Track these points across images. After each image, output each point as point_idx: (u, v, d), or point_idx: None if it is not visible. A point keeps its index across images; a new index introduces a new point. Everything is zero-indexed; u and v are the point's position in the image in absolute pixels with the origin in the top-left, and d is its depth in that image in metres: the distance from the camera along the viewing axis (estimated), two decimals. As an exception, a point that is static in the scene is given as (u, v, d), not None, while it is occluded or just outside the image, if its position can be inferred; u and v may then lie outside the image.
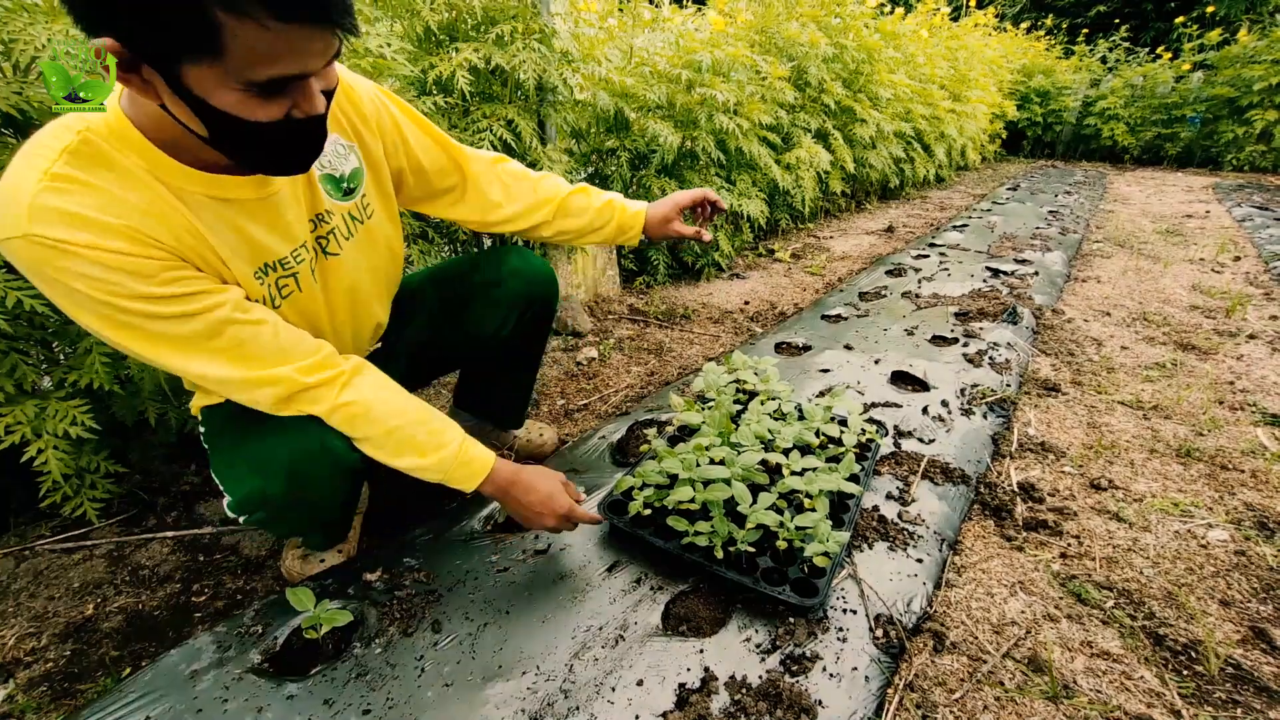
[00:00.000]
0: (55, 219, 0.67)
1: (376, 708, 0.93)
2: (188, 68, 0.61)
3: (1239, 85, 7.27)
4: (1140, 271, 3.32)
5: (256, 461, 0.91)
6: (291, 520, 1.05)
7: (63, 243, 0.67)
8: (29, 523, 1.36)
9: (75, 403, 1.20)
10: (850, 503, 1.31)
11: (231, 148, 0.71)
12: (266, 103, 0.66)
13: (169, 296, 0.74)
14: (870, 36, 4.12)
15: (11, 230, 0.67)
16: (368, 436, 0.92)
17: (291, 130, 0.70)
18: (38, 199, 0.67)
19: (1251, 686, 1.01)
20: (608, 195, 1.24)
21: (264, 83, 0.63)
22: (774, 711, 0.92)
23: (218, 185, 0.79)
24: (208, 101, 0.64)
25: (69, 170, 0.69)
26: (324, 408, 0.88)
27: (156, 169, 0.74)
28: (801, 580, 1.11)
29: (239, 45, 0.59)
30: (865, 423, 1.56)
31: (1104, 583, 1.21)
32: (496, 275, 1.25)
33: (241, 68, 0.61)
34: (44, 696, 1.00)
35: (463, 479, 0.99)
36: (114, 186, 0.71)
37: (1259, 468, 1.57)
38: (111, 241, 0.70)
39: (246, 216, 0.83)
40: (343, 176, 0.95)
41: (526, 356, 1.45)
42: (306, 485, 0.94)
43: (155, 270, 0.73)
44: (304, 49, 0.63)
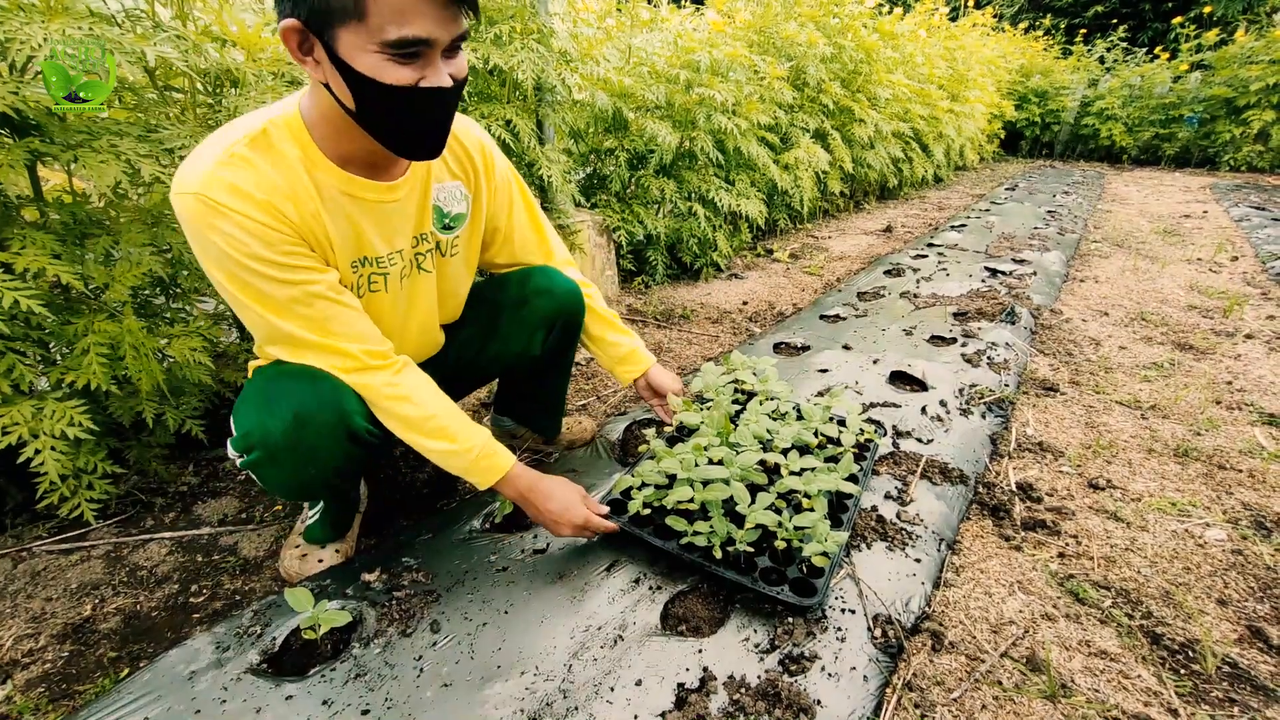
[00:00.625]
0: (221, 186, 0.84)
1: (375, 708, 0.92)
2: (339, 32, 0.76)
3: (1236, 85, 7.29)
4: (1138, 271, 3.33)
5: (268, 400, 0.97)
6: (284, 468, 1.00)
7: (221, 205, 0.84)
8: (26, 524, 1.36)
9: (72, 403, 1.19)
10: (849, 503, 1.31)
11: (373, 117, 0.85)
12: (398, 66, 0.79)
13: (281, 264, 0.89)
14: (868, 37, 4.12)
15: (188, 187, 0.83)
16: (409, 417, 1.03)
17: (418, 98, 0.82)
18: (215, 169, 0.84)
19: (1248, 685, 1.01)
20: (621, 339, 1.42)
21: (395, 42, 0.76)
22: (772, 711, 0.92)
23: (350, 183, 0.95)
24: (352, 66, 0.78)
25: (244, 151, 0.86)
26: (379, 382, 1.01)
27: (308, 159, 0.91)
28: (800, 580, 1.11)
29: (377, 7, 0.74)
30: (864, 423, 1.56)
31: (1102, 582, 1.22)
32: (522, 294, 1.31)
33: (377, 28, 0.75)
34: (42, 697, 1.00)
35: (482, 472, 1.08)
36: (270, 169, 0.88)
37: (1256, 467, 1.58)
38: (254, 211, 0.86)
39: (363, 214, 0.98)
40: (449, 214, 1.12)
41: (557, 367, 1.49)
42: (307, 432, 0.96)
43: (278, 241, 0.88)
44: (430, 13, 0.76)
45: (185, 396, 1.45)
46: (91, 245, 1.26)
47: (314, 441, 0.98)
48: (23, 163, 1.13)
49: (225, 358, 1.62)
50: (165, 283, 1.49)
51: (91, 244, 1.26)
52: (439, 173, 1.09)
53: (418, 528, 1.33)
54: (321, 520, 1.24)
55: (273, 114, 0.90)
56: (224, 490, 1.51)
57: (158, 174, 1.22)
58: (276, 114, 0.90)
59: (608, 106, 2.55)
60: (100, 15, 1.22)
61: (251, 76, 1.37)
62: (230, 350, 1.63)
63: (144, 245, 1.29)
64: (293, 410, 0.95)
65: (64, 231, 1.25)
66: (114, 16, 1.28)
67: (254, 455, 0.98)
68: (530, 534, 1.29)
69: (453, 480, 1.55)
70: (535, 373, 1.45)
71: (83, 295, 1.30)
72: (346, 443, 1.01)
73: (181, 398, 1.44)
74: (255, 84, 1.37)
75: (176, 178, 0.85)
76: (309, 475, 1.02)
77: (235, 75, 1.38)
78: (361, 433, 1.02)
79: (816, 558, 1.12)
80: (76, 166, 1.17)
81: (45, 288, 1.22)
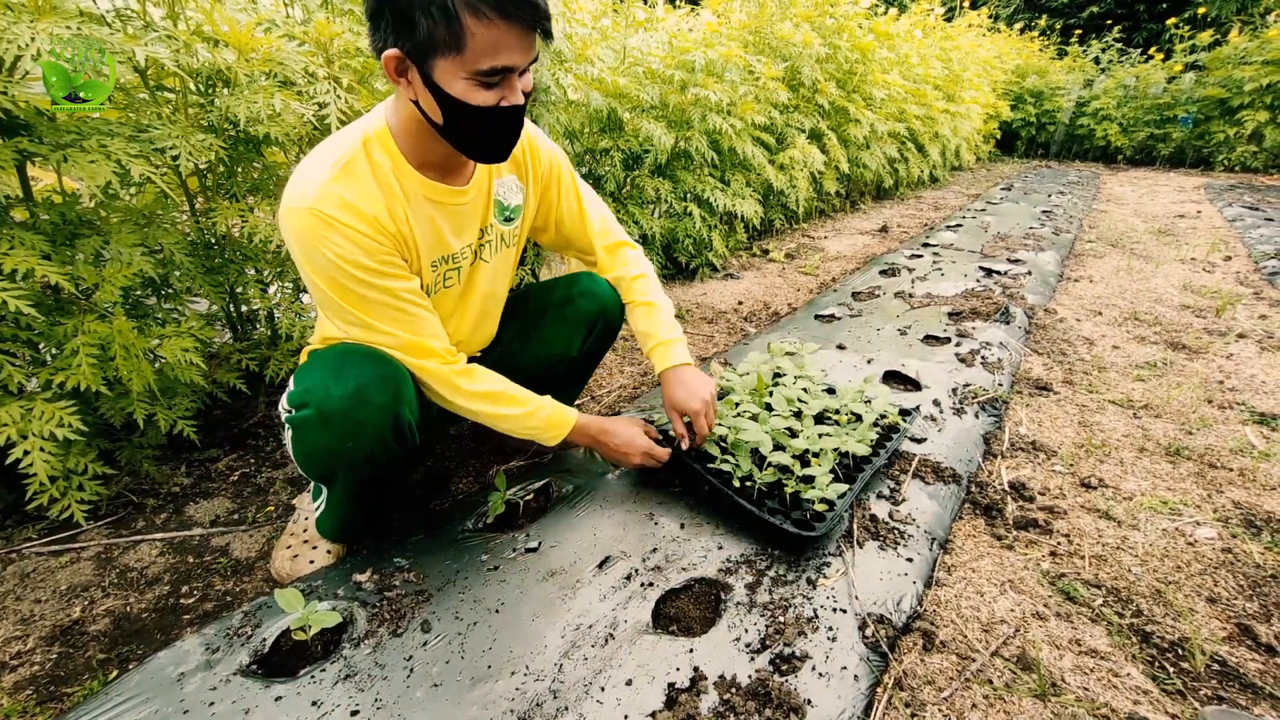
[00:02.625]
0: (334, 201, 0.94)
1: (364, 708, 0.92)
2: (437, 62, 0.87)
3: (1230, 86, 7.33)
4: (1132, 271, 3.34)
5: (338, 369, 1.03)
6: (329, 434, 1.03)
7: (333, 219, 0.94)
8: (15, 525, 1.35)
9: (62, 404, 1.19)
10: (865, 466, 1.38)
11: (458, 131, 0.96)
12: (485, 91, 0.90)
13: (379, 271, 1.00)
14: (864, 37, 4.13)
15: (302, 203, 0.93)
16: (480, 392, 1.15)
17: (498, 116, 0.94)
18: (327, 185, 0.94)
19: (1237, 683, 1.01)
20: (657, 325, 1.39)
21: (485, 71, 0.87)
22: (763, 711, 0.92)
23: (432, 189, 1.06)
24: (445, 90, 0.89)
25: (349, 166, 0.96)
26: (452, 370, 1.13)
27: (397, 170, 1.02)
28: (801, 522, 1.23)
29: (475, 42, 0.85)
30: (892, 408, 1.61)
31: (1093, 581, 1.22)
32: (569, 295, 1.40)
33: (472, 60, 0.86)
34: (29, 700, 0.99)
35: (555, 426, 1.22)
36: (372, 183, 0.98)
37: (1247, 466, 1.58)
38: (361, 224, 0.96)
39: (442, 215, 1.09)
40: (509, 206, 1.22)
41: (584, 373, 1.58)
42: (363, 406, 1.02)
43: (376, 251, 0.99)
44: (516, 45, 0.88)
45: (177, 397, 1.44)
46: (82, 246, 1.26)
47: (365, 416, 1.02)
48: (12, 163, 1.13)
49: (217, 359, 1.62)
50: (157, 283, 1.49)
51: (82, 244, 1.26)
52: (499, 169, 1.18)
53: (409, 528, 1.33)
54: (329, 513, 1.22)
55: (367, 127, 1.00)
56: (216, 491, 1.51)
57: (148, 174, 1.22)
58: (370, 126, 1.00)
59: (603, 107, 2.55)
60: (90, 14, 1.22)
61: (244, 76, 1.36)
62: (222, 351, 1.63)
63: (135, 246, 1.29)
64: (357, 382, 1.02)
65: (54, 232, 1.25)
66: (104, 16, 1.27)
67: (306, 413, 1.02)
68: (522, 533, 1.29)
69: (445, 480, 1.55)
70: (566, 375, 1.49)
71: (73, 296, 1.30)
72: (390, 430, 1.06)
73: (173, 399, 1.43)
74: (248, 84, 1.37)
75: (288, 194, 0.95)
76: (345, 450, 1.05)
77: (227, 75, 1.38)
78: (405, 425, 1.08)
79: (818, 504, 1.24)
80: (66, 166, 1.16)
81: (35, 288, 1.21)
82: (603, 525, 1.32)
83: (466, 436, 1.70)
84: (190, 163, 1.29)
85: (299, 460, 1.13)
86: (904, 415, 1.63)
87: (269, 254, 1.61)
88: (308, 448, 1.08)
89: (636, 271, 1.42)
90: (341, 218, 0.94)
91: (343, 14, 1.71)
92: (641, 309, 1.41)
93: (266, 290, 1.65)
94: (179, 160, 1.27)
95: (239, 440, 1.69)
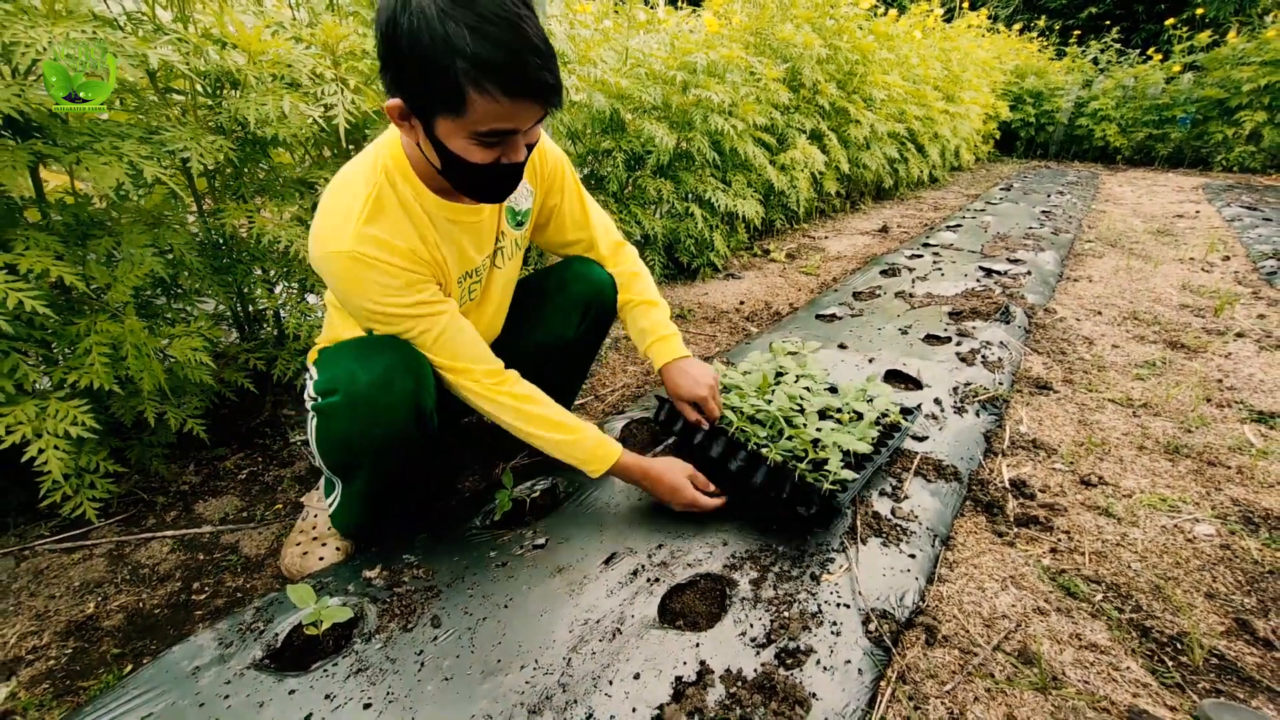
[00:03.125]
0: (371, 242, 0.97)
1: (377, 701, 0.94)
2: (439, 120, 0.88)
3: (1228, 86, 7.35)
4: (1131, 271, 3.36)
5: (364, 357, 1.05)
6: (356, 420, 1.05)
7: (374, 259, 0.97)
8: (28, 522, 1.37)
9: (75, 403, 1.20)
10: (866, 464, 1.39)
11: (454, 179, 0.98)
12: (484, 150, 0.91)
13: (419, 302, 1.05)
14: (864, 38, 4.14)
15: (340, 246, 0.96)
16: (531, 414, 1.17)
17: (497, 173, 0.96)
18: (362, 227, 0.96)
19: (1235, 677, 1.03)
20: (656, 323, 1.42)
21: (485, 134, 0.88)
22: (769, 704, 0.93)
23: (452, 210, 1.08)
24: (445, 145, 0.91)
25: (379, 203, 0.99)
26: (508, 391, 1.16)
27: (419, 197, 1.04)
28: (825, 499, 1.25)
29: (475, 111, 0.85)
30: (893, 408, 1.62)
31: (1093, 577, 1.24)
32: (562, 279, 1.42)
33: (472, 124, 0.87)
34: (46, 694, 1.01)
35: (598, 460, 1.22)
36: (402, 217, 1.02)
37: (1245, 464, 1.60)
38: (399, 260, 1.00)
39: (464, 233, 1.12)
40: (520, 211, 1.25)
41: (582, 361, 1.59)
42: (388, 391, 1.04)
43: (416, 282, 1.04)
44: (519, 115, 0.88)
45: (186, 396, 1.46)
46: (93, 246, 1.28)
47: (390, 401, 1.05)
48: (25, 164, 1.14)
49: (226, 358, 1.63)
50: (166, 283, 1.50)
51: (93, 245, 1.28)
52: None
53: (417, 525, 1.35)
54: (346, 507, 1.23)
55: (382, 155, 1.02)
56: (225, 489, 1.52)
57: (159, 175, 1.23)
58: (385, 154, 1.02)
59: (605, 108, 2.56)
60: (103, 19, 1.23)
61: (253, 79, 1.38)
62: (230, 350, 1.64)
63: (145, 246, 1.31)
64: (384, 366, 1.04)
65: (66, 233, 1.26)
66: (116, 20, 1.29)
67: (335, 399, 1.04)
68: (529, 530, 1.31)
69: (452, 479, 1.56)
70: (564, 362, 1.50)
71: (85, 296, 1.31)
72: (413, 418, 1.09)
73: (183, 397, 1.45)
74: (256, 86, 1.39)
75: (322, 238, 0.97)
76: (371, 435, 1.07)
77: (236, 77, 1.40)
78: (425, 411, 1.11)
79: (828, 485, 1.25)
80: (79, 168, 1.18)
81: (47, 288, 1.23)
82: (609, 522, 1.34)
83: (474, 430, 1.72)
84: (200, 164, 1.30)
85: (323, 449, 1.14)
86: (906, 414, 1.64)
87: (275, 254, 1.62)
88: (334, 434, 1.10)
89: (635, 269, 1.46)
90: (381, 256, 0.97)
91: (349, 15, 1.73)
92: (642, 307, 1.44)
93: (273, 290, 1.67)
94: (189, 162, 1.29)
95: (247, 439, 1.71)
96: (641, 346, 1.45)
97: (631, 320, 1.46)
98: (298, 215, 1.58)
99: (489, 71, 0.81)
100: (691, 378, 1.39)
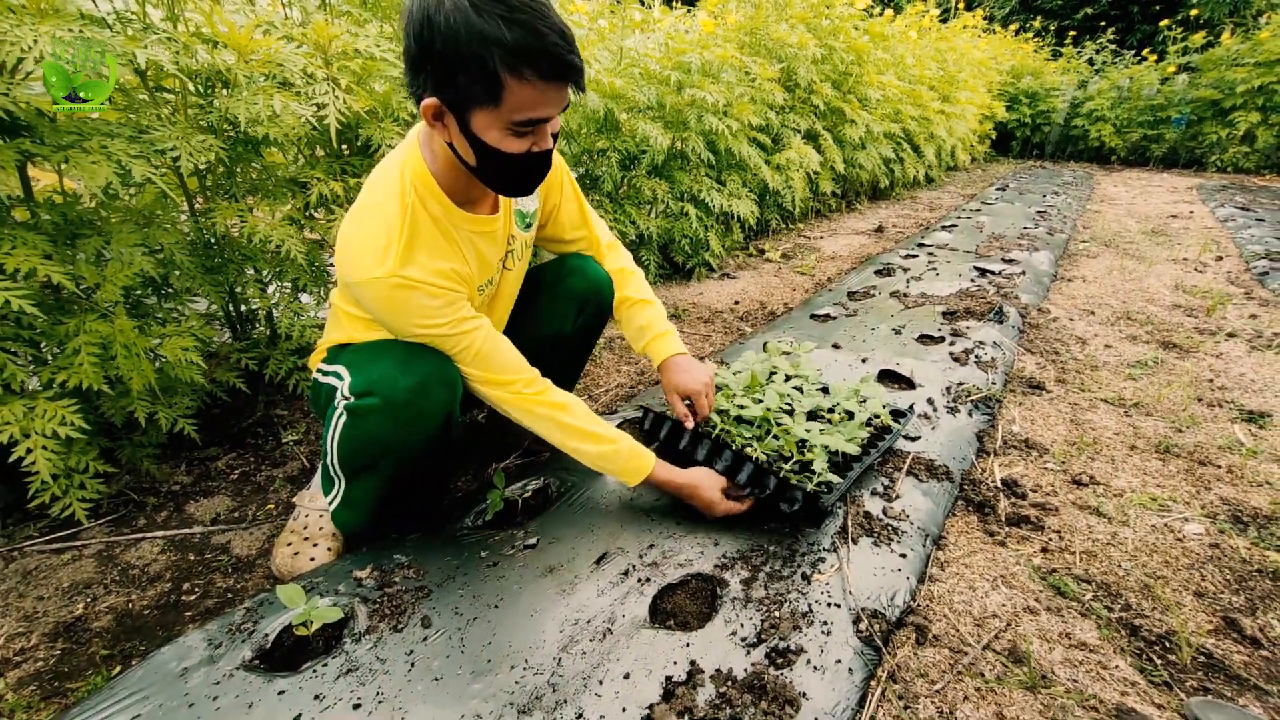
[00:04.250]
0: (415, 265, 1.00)
1: (366, 702, 0.94)
2: (474, 113, 0.91)
3: (1222, 87, 7.38)
4: (1125, 271, 3.37)
5: (403, 362, 1.07)
6: (391, 423, 1.07)
7: (417, 282, 1.00)
8: (17, 523, 1.36)
9: (64, 402, 1.20)
10: (855, 464, 1.40)
11: (490, 174, 1.00)
12: (518, 140, 0.94)
13: (456, 320, 1.07)
14: (859, 38, 4.15)
15: (379, 272, 0.97)
16: (568, 425, 1.18)
17: (530, 161, 0.98)
18: (405, 252, 0.99)
19: (1222, 675, 1.03)
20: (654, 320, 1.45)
21: (521, 122, 0.91)
22: (759, 704, 0.93)
23: (475, 222, 1.12)
24: (480, 138, 0.93)
25: (415, 226, 1.01)
26: (544, 401, 1.17)
27: (447, 212, 1.07)
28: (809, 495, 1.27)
29: (512, 98, 0.88)
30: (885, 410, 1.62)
31: (1083, 576, 1.24)
32: (558, 274, 1.44)
33: (509, 113, 0.90)
34: (34, 695, 1.00)
35: (632, 472, 1.24)
36: (437, 236, 1.05)
37: (1235, 463, 1.61)
38: (439, 280, 1.03)
39: (484, 242, 1.16)
40: (528, 213, 1.29)
41: (581, 353, 1.59)
42: (425, 398, 1.07)
43: (455, 300, 1.06)
44: (552, 100, 0.91)
45: (177, 396, 1.45)
46: (83, 245, 1.27)
47: (428, 409, 1.08)
48: (13, 163, 1.14)
49: (217, 358, 1.63)
50: (157, 283, 1.50)
51: (83, 244, 1.27)
52: None
53: (409, 525, 1.34)
54: (355, 505, 1.23)
55: (405, 170, 1.03)
56: (216, 490, 1.52)
57: (149, 175, 1.22)
58: (409, 170, 1.03)
59: (599, 107, 2.56)
60: (91, 17, 1.23)
61: (243, 78, 1.37)
62: (222, 350, 1.64)
63: (135, 245, 1.30)
64: (423, 374, 1.07)
65: (55, 232, 1.26)
66: (105, 18, 1.28)
67: (371, 401, 1.06)
68: (521, 530, 1.31)
69: (444, 478, 1.56)
70: (562, 355, 1.50)
71: (74, 295, 1.31)
72: (441, 425, 1.12)
73: (173, 397, 1.44)
74: (247, 85, 1.38)
75: (363, 264, 0.98)
76: (403, 439, 1.10)
77: (227, 76, 1.39)
78: (454, 421, 1.15)
79: (812, 485, 1.28)
80: (67, 167, 1.17)
81: (36, 288, 1.22)
82: (600, 522, 1.34)
83: (468, 430, 1.72)
84: (190, 163, 1.29)
85: (346, 449, 1.14)
86: (899, 416, 1.65)
87: (268, 254, 1.62)
88: (365, 435, 1.10)
89: (630, 268, 1.50)
90: (423, 279, 1.00)
91: (341, 15, 1.72)
92: (639, 305, 1.46)
93: (265, 290, 1.66)
94: (179, 161, 1.28)
95: (239, 439, 1.70)
96: (639, 344, 1.46)
97: (628, 318, 1.47)
98: (290, 215, 1.58)
99: (525, 57, 0.85)
100: (688, 373, 1.42)
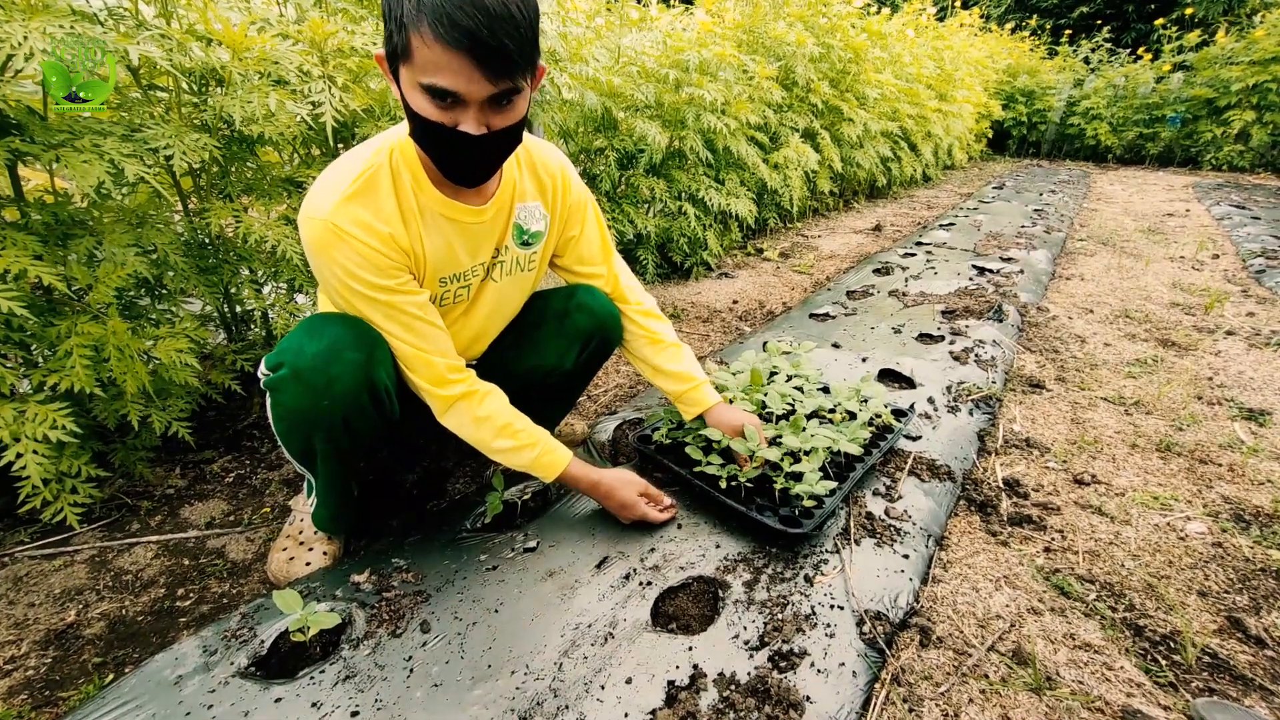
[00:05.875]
0: (348, 216, 0.96)
1: (365, 709, 0.92)
2: (400, 68, 0.88)
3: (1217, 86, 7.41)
4: (1122, 269, 3.37)
5: (313, 331, 1.05)
6: (302, 391, 1.02)
7: (346, 233, 0.96)
8: (7, 529, 1.34)
9: (55, 406, 1.18)
10: (857, 465, 1.40)
11: (421, 141, 0.96)
12: (433, 107, 0.89)
13: (386, 288, 1.03)
14: (856, 37, 4.14)
15: (318, 213, 0.95)
16: (479, 418, 1.15)
17: (454, 139, 0.92)
18: (345, 200, 0.96)
19: (1227, 675, 1.03)
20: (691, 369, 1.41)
21: (428, 87, 0.86)
22: (762, 708, 0.92)
23: (449, 207, 1.07)
24: (406, 97, 0.90)
25: (371, 183, 0.99)
26: (459, 391, 1.14)
27: (417, 185, 1.03)
28: (790, 518, 1.25)
29: (418, 55, 0.84)
30: (887, 410, 1.61)
31: (1086, 576, 1.23)
32: (565, 307, 1.36)
33: (419, 72, 0.86)
34: (24, 705, 0.99)
35: (544, 468, 1.21)
36: (391, 200, 1.01)
37: (1236, 461, 1.60)
38: (373, 240, 0.99)
39: (457, 233, 1.10)
40: (528, 231, 1.22)
41: (578, 387, 1.53)
42: (334, 363, 1.02)
43: (387, 267, 1.01)
44: (457, 72, 0.84)
45: (171, 399, 1.43)
46: (74, 246, 1.25)
47: (338, 372, 1.02)
48: (3, 162, 1.12)
49: (211, 359, 1.61)
50: (151, 284, 1.48)
51: (74, 245, 1.25)
52: (523, 192, 1.18)
53: (407, 529, 1.33)
54: (320, 502, 1.22)
55: (394, 139, 1.02)
56: (211, 493, 1.50)
57: (142, 174, 1.21)
58: (398, 138, 1.02)
59: (597, 106, 2.54)
60: (82, 13, 1.21)
61: (238, 75, 1.36)
62: (217, 352, 1.62)
63: (128, 246, 1.28)
64: (331, 338, 1.03)
65: (46, 232, 1.24)
66: (96, 15, 1.26)
67: (281, 372, 1.03)
68: (520, 533, 1.29)
69: (442, 481, 1.54)
70: (555, 390, 1.45)
71: (66, 296, 1.29)
72: (365, 391, 1.06)
73: (167, 400, 1.42)
74: (241, 83, 1.36)
75: (308, 201, 0.97)
76: (320, 410, 1.04)
77: (221, 74, 1.37)
78: (380, 387, 1.08)
79: (807, 500, 1.27)
80: (59, 166, 1.15)
81: (27, 289, 1.20)
82: (600, 525, 1.33)
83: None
84: (184, 163, 1.28)
85: (278, 430, 1.12)
86: (900, 416, 1.64)
87: (263, 254, 1.60)
88: (283, 410, 1.07)
89: (654, 311, 1.44)
90: (354, 232, 0.96)
91: (337, 12, 1.70)
92: (671, 350, 1.41)
93: (261, 290, 1.65)
94: (173, 160, 1.26)
95: (234, 442, 1.68)
96: (672, 387, 1.41)
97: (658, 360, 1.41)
98: (285, 215, 1.56)
99: (426, 13, 0.81)
100: (739, 421, 1.39)
